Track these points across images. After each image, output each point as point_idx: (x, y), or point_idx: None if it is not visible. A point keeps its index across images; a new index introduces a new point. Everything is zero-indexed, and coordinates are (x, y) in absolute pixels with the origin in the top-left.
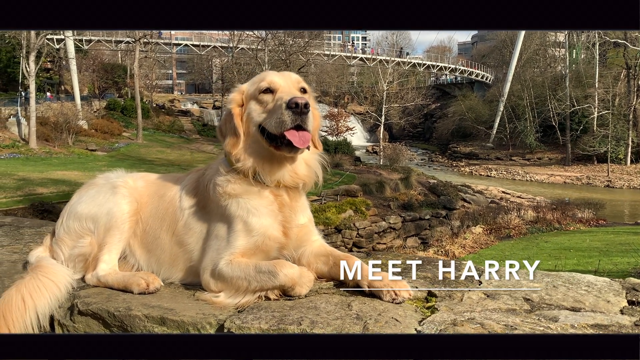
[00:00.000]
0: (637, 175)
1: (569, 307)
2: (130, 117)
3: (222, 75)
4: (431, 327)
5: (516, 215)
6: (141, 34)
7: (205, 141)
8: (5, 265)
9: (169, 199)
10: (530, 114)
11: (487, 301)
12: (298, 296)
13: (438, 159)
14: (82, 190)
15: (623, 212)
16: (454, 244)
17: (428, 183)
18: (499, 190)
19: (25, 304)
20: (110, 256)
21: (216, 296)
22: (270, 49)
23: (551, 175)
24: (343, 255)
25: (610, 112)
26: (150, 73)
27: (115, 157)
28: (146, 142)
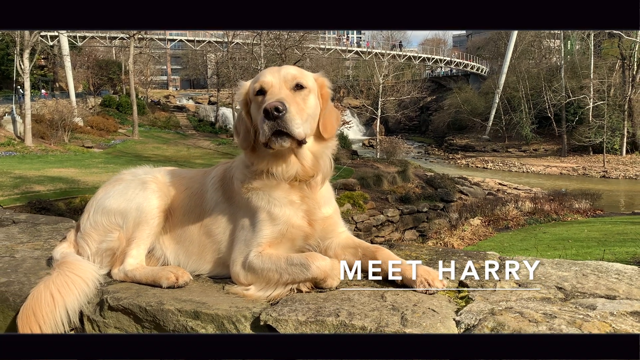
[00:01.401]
0: (632, 165)
1: (603, 295)
2: (126, 113)
3: (217, 71)
4: (469, 316)
5: (514, 206)
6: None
7: (202, 137)
8: (28, 262)
9: (197, 191)
10: (526, 105)
11: (521, 290)
12: (329, 288)
13: (434, 152)
14: (108, 185)
15: (619, 202)
16: (453, 236)
17: (425, 176)
18: (496, 182)
19: (54, 301)
20: (139, 251)
21: (246, 289)
22: (266, 43)
23: (547, 167)
24: (373, 247)
25: (606, 103)
26: (145, 69)
27: (111, 154)
28: (142, 138)
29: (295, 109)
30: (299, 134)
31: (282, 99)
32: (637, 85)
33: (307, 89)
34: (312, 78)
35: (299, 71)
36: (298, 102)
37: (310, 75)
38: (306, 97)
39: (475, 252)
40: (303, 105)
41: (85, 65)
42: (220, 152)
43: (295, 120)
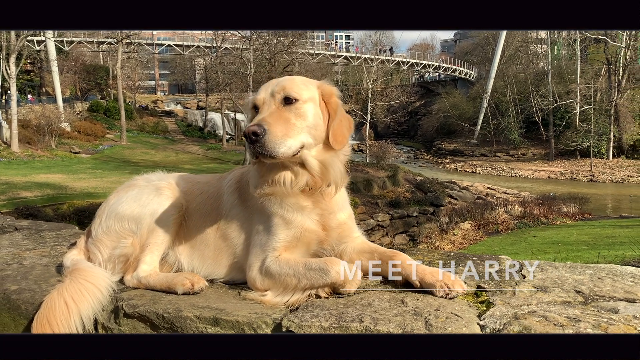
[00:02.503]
0: (619, 169)
1: (623, 299)
2: (114, 118)
3: (205, 75)
4: (493, 320)
5: (503, 210)
6: (124, 34)
7: (190, 142)
8: (38, 269)
9: (213, 195)
10: (514, 110)
11: (540, 294)
12: (347, 294)
13: (423, 156)
14: (120, 191)
15: (606, 206)
16: (443, 240)
17: (415, 180)
18: (485, 186)
19: (68, 308)
20: (152, 257)
21: (263, 295)
22: (255, 48)
23: (535, 171)
24: (390, 251)
25: (592, 108)
26: (132, 74)
27: (99, 159)
28: (130, 143)
29: (279, 127)
30: (283, 154)
31: (262, 120)
32: (622, 90)
33: (301, 101)
34: (314, 87)
35: (291, 83)
36: (287, 117)
37: (311, 85)
38: (299, 109)
39: (487, 256)
40: (295, 119)
41: (73, 70)
42: (209, 157)
43: (276, 141)
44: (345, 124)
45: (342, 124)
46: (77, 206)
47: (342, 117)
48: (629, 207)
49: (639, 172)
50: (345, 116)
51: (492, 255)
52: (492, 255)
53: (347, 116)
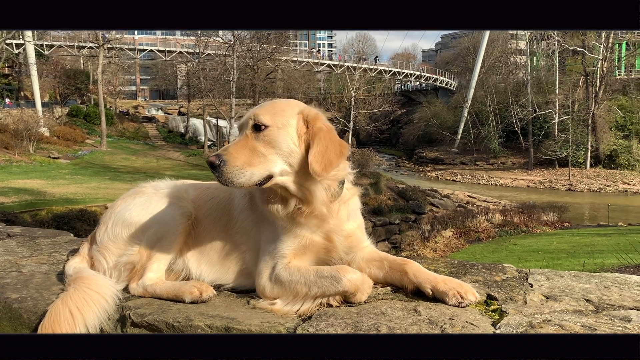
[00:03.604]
0: (596, 178)
1: (633, 307)
2: (94, 123)
3: (187, 81)
4: (509, 330)
5: (484, 218)
6: (105, 39)
7: (171, 148)
8: (38, 277)
9: (224, 199)
10: (494, 119)
11: (551, 302)
12: (358, 302)
13: (405, 164)
14: (127, 197)
15: (584, 215)
16: (426, 248)
17: (397, 188)
18: (465, 195)
19: (73, 318)
20: (159, 265)
21: (272, 303)
22: (238, 54)
23: (515, 179)
24: (400, 259)
25: (570, 118)
26: (113, 79)
27: (78, 164)
28: (110, 149)
29: (240, 157)
30: (242, 184)
31: (223, 150)
32: (599, 101)
33: (271, 127)
34: (293, 112)
35: (264, 109)
36: (253, 145)
37: (290, 110)
38: (267, 136)
39: (492, 264)
40: (263, 147)
41: (52, 74)
42: (190, 163)
43: (234, 172)
44: (332, 149)
45: (328, 150)
46: (55, 212)
47: (329, 143)
48: (606, 215)
49: (615, 181)
50: (334, 141)
51: (497, 264)
52: (497, 264)
53: (336, 141)
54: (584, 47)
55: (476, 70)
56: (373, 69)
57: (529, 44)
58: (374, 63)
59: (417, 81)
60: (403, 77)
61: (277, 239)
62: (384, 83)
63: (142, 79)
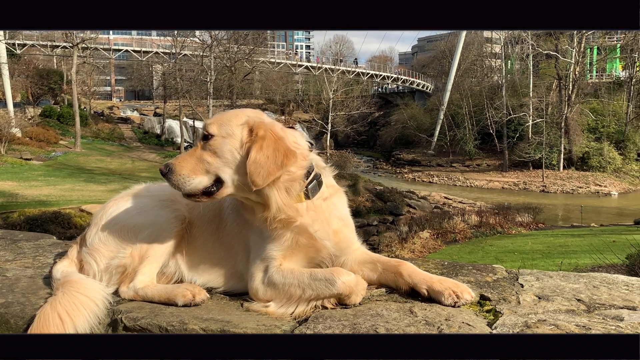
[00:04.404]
0: (569, 180)
1: (623, 306)
2: (68, 124)
3: (164, 82)
4: (506, 330)
5: (461, 219)
6: (79, 39)
7: (147, 149)
8: (23, 281)
9: (215, 202)
10: (469, 122)
11: (544, 303)
12: (353, 304)
13: (382, 166)
14: (120, 199)
15: (558, 216)
16: (404, 249)
17: (375, 189)
18: (442, 196)
19: (63, 322)
20: (151, 269)
21: (266, 306)
22: (215, 55)
23: (490, 181)
24: (394, 260)
25: (544, 121)
26: (88, 79)
27: (52, 166)
28: (85, 150)
29: (186, 166)
30: (191, 190)
31: (173, 159)
32: (572, 104)
33: (215, 137)
34: (240, 122)
35: (213, 119)
36: (200, 154)
37: (237, 120)
38: (211, 146)
39: (482, 265)
40: (210, 156)
41: (24, 73)
42: None
43: (180, 180)
44: (274, 158)
45: (268, 159)
46: (28, 214)
47: (270, 152)
48: (579, 217)
49: (587, 183)
50: (278, 149)
51: (487, 265)
52: (486, 265)
53: (281, 149)
54: (557, 51)
55: (452, 73)
56: (351, 71)
57: (503, 48)
58: (353, 65)
59: (394, 84)
60: (380, 79)
61: (264, 241)
62: (362, 85)
63: (117, 80)
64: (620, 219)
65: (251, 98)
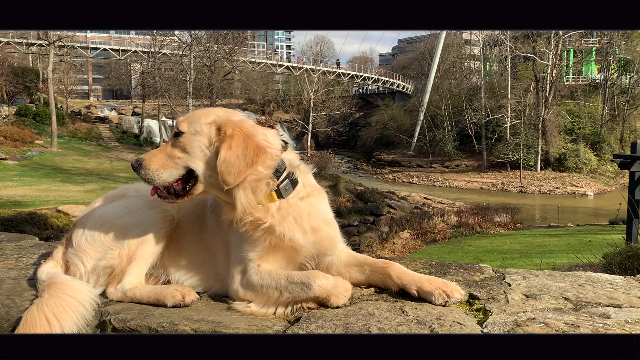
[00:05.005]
0: (546, 180)
1: (608, 304)
2: (44, 123)
3: (142, 81)
4: (496, 328)
5: (440, 220)
6: (56, 36)
7: (125, 149)
8: (7, 283)
9: (200, 202)
10: (448, 123)
11: (532, 301)
12: (336, 306)
13: (363, 167)
14: (107, 199)
15: (535, 216)
16: (384, 249)
17: (355, 190)
18: (422, 196)
19: (50, 324)
20: (139, 269)
21: (247, 306)
22: (195, 54)
23: (469, 182)
24: (382, 261)
25: (522, 122)
26: (64, 78)
27: (27, 166)
28: (61, 150)
29: (155, 161)
30: (161, 183)
31: (144, 154)
32: (549, 106)
33: (185, 134)
34: (209, 119)
35: (185, 117)
36: (170, 151)
37: (206, 118)
38: (181, 142)
39: (469, 264)
40: (180, 152)
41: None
42: None
43: (148, 174)
44: (244, 156)
45: (238, 158)
46: (3, 215)
47: (240, 150)
48: (556, 217)
49: (564, 183)
50: (248, 148)
51: (474, 264)
52: (473, 264)
53: (251, 147)
54: (534, 53)
55: (432, 74)
56: (332, 72)
57: (482, 50)
58: (336, 66)
59: (375, 84)
60: (361, 80)
61: (242, 242)
62: (343, 86)
63: (95, 78)
64: (596, 219)
65: (231, 98)
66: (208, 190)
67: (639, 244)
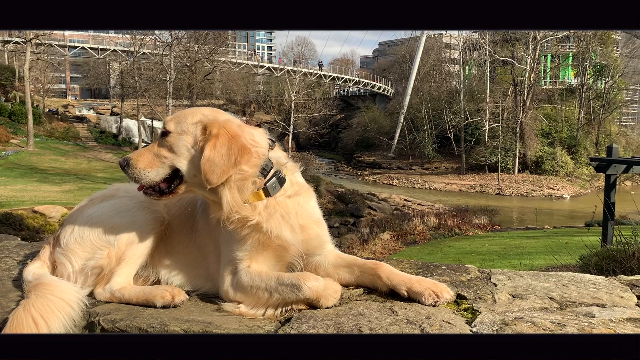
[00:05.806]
0: (523, 183)
1: (592, 304)
2: (20, 122)
3: (121, 80)
4: (484, 327)
5: (420, 221)
6: (33, 34)
7: (104, 149)
8: None
9: (190, 202)
10: (428, 125)
11: (519, 301)
12: (326, 308)
13: (344, 168)
14: (96, 199)
15: (513, 218)
16: (365, 251)
17: (336, 192)
18: (402, 198)
19: (37, 326)
20: (128, 270)
21: (237, 307)
22: (176, 54)
23: (448, 184)
24: (371, 262)
25: (500, 125)
26: (41, 76)
27: (2, 165)
28: (38, 149)
29: (142, 160)
30: (148, 182)
31: (132, 153)
32: (527, 110)
33: (172, 134)
34: (196, 119)
35: (172, 116)
36: (157, 150)
37: (193, 117)
38: (167, 142)
39: (455, 265)
40: (166, 151)
41: None
42: None
43: (135, 172)
44: (227, 156)
45: (222, 157)
46: None
47: (224, 150)
48: (533, 219)
49: (541, 186)
50: (232, 148)
51: (460, 265)
52: (459, 265)
53: (235, 147)
54: (513, 57)
55: (412, 77)
56: (313, 74)
57: (462, 54)
58: (318, 68)
59: (356, 87)
60: (342, 82)
61: (232, 242)
62: (324, 88)
63: (73, 77)
64: (572, 221)
65: (212, 98)
66: (193, 189)
67: (615, 246)
